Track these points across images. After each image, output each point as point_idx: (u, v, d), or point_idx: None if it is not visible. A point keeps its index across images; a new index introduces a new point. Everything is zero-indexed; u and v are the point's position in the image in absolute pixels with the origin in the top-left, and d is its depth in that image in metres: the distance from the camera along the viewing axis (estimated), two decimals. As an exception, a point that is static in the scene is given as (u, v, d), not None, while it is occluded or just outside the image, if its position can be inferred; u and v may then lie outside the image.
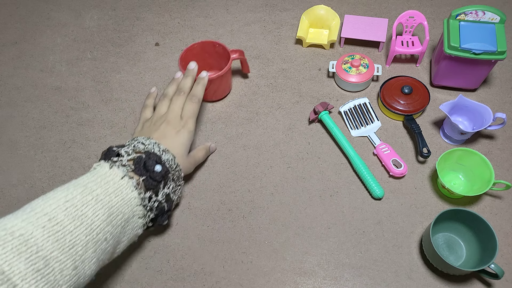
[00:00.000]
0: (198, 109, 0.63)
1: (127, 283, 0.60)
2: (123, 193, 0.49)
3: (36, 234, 0.40)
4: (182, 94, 0.63)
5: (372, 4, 0.90)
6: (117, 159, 0.52)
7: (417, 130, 0.68)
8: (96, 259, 0.45)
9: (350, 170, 0.68)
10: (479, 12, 0.66)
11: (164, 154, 0.55)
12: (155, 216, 0.54)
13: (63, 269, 0.41)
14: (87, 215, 0.44)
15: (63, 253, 0.41)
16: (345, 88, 0.77)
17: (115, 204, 0.48)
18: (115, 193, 0.48)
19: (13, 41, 0.90)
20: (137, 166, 0.52)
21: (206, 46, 0.75)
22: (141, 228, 0.53)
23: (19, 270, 0.37)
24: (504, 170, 0.66)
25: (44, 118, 0.78)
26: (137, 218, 0.51)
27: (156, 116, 0.62)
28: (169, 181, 0.55)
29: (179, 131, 0.59)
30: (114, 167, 0.50)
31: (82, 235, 0.43)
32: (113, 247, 0.48)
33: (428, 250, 0.57)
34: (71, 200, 0.44)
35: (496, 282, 0.57)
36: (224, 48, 0.74)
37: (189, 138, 0.60)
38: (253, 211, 0.65)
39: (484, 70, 0.69)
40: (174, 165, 0.56)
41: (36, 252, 0.39)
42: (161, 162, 0.54)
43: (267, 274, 0.60)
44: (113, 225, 0.47)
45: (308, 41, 0.83)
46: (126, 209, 0.49)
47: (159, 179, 0.53)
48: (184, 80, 0.65)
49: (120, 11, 0.94)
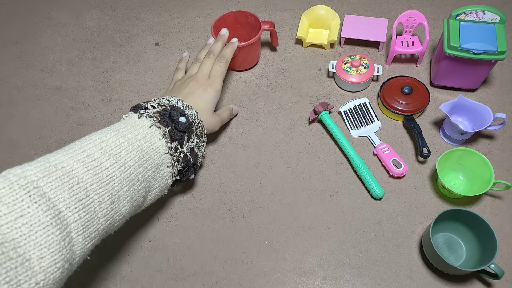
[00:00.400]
0: (225, 70, 0.67)
1: (127, 282, 0.60)
2: (152, 140, 0.52)
3: (77, 167, 0.43)
4: (212, 56, 0.68)
5: (372, 4, 0.90)
6: (144, 111, 0.54)
7: (417, 130, 0.68)
8: (130, 198, 0.48)
9: (350, 170, 0.68)
10: (479, 12, 0.66)
11: (187, 109, 0.58)
12: (182, 168, 0.57)
13: (101, 202, 0.44)
14: (121, 155, 0.47)
15: (101, 186, 0.44)
16: (345, 88, 0.77)
17: (145, 149, 0.50)
18: (145, 139, 0.51)
19: (14, 41, 0.90)
20: (162, 117, 0.54)
21: (239, 16, 0.78)
22: (170, 178, 0.55)
23: (63, 198, 0.40)
24: (504, 170, 0.66)
25: (44, 118, 0.78)
26: (166, 167, 0.54)
27: (186, 76, 0.67)
28: (193, 135, 0.58)
29: (206, 89, 0.63)
30: (142, 117, 0.53)
31: (117, 172, 0.46)
32: (145, 191, 0.51)
33: (428, 250, 0.57)
34: (106, 141, 0.47)
35: (496, 282, 0.57)
36: (256, 18, 0.76)
37: (215, 96, 0.64)
38: (253, 211, 0.65)
39: (484, 70, 0.69)
40: (197, 120, 0.59)
41: (78, 183, 0.42)
42: (185, 115, 0.56)
43: (267, 274, 0.60)
44: (144, 167, 0.50)
45: (308, 41, 0.83)
46: (155, 155, 0.52)
47: (184, 130, 0.55)
48: (214, 44, 0.70)
49: (120, 11, 0.94)
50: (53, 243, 0.37)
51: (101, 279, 0.60)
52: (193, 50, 0.85)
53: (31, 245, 0.36)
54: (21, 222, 0.36)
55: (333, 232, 0.63)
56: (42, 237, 0.36)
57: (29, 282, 0.35)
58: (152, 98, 0.60)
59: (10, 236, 0.35)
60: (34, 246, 0.36)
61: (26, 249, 0.35)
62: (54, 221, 0.38)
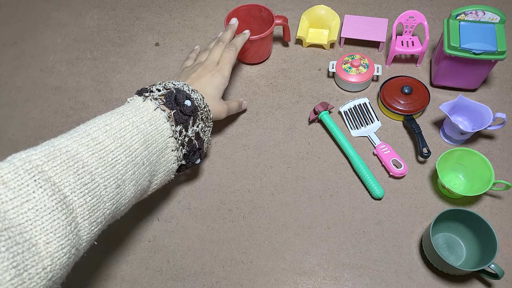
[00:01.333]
0: (235, 57, 0.66)
1: (127, 283, 0.60)
2: (156, 123, 0.51)
3: (81, 151, 0.42)
4: (221, 44, 0.67)
5: (372, 4, 0.90)
6: (149, 94, 0.54)
7: (417, 130, 0.68)
8: (135, 182, 0.48)
9: (350, 170, 0.68)
10: (479, 12, 0.66)
11: (193, 93, 0.57)
12: (188, 153, 0.56)
13: (107, 185, 0.43)
14: (126, 138, 0.47)
15: (106, 170, 0.43)
16: (345, 88, 0.77)
17: (150, 132, 0.50)
18: (150, 122, 0.50)
19: (13, 41, 0.90)
20: (168, 100, 0.54)
21: (253, 9, 0.78)
22: (175, 162, 0.55)
23: (68, 182, 0.39)
24: (504, 170, 0.66)
25: (44, 118, 0.78)
26: (170, 150, 0.53)
27: (195, 63, 0.67)
28: (198, 119, 0.57)
29: (214, 74, 0.63)
30: (147, 100, 0.53)
31: (122, 155, 0.46)
32: (150, 175, 0.51)
33: (428, 250, 0.57)
34: (110, 124, 0.47)
35: (496, 282, 0.57)
36: (269, 13, 0.77)
37: (222, 82, 0.63)
38: (253, 211, 0.65)
39: (484, 70, 0.69)
40: (203, 105, 0.58)
41: (83, 167, 0.41)
42: (190, 98, 0.56)
43: (267, 274, 0.60)
44: (149, 151, 0.49)
45: (308, 41, 0.83)
46: (159, 139, 0.51)
47: (189, 113, 0.54)
48: (224, 33, 0.70)
49: (120, 11, 0.94)
50: (59, 228, 0.37)
51: (101, 280, 0.60)
52: (193, 50, 0.85)
53: (37, 230, 0.36)
54: (27, 207, 0.36)
55: (333, 232, 0.63)
56: (48, 222, 0.36)
57: (36, 267, 0.35)
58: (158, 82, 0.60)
59: (16, 221, 0.35)
60: (40, 231, 0.36)
61: (33, 234, 0.35)
62: (59, 206, 0.38)
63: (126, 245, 0.63)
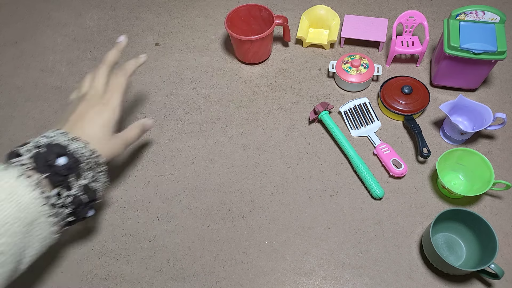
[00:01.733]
0: (124, 83, 0.57)
1: (127, 283, 0.60)
2: (19, 199, 0.43)
3: None
4: (104, 68, 0.57)
5: (372, 4, 0.90)
6: (16, 160, 0.46)
7: (417, 130, 0.68)
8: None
9: (350, 170, 0.68)
10: (479, 12, 0.66)
11: (72, 143, 0.49)
12: (74, 211, 0.49)
13: None
14: None
15: None
16: (345, 88, 0.77)
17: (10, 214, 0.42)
18: (8, 198, 0.42)
19: (13, 41, 0.90)
20: (38, 163, 0.46)
21: (253, 9, 0.79)
22: (56, 225, 0.47)
23: None
24: (504, 170, 0.66)
25: (44, 118, 0.78)
26: (46, 217, 0.46)
27: (79, 96, 0.56)
28: (83, 171, 0.49)
29: (100, 110, 0.54)
30: (10, 168, 0.45)
31: None
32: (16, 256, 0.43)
33: (428, 250, 0.57)
34: None
35: (496, 282, 0.57)
36: (270, 13, 0.77)
37: (111, 117, 0.54)
38: (253, 211, 0.65)
39: (484, 70, 0.69)
40: (88, 153, 0.50)
41: None
42: (65, 154, 0.48)
43: (267, 274, 0.60)
44: (8, 235, 0.41)
45: (308, 41, 0.83)
46: (23, 214, 0.43)
47: (65, 173, 0.47)
48: (108, 53, 0.59)
49: (120, 11, 0.94)
50: None
51: (101, 280, 0.60)
52: (193, 50, 0.85)
53: None
54: None
55: (333, 232, 0.63)
56: None
57: None
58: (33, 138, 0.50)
59: None
60: None
61: None
62: None
63: (126, 244, 0.63)
